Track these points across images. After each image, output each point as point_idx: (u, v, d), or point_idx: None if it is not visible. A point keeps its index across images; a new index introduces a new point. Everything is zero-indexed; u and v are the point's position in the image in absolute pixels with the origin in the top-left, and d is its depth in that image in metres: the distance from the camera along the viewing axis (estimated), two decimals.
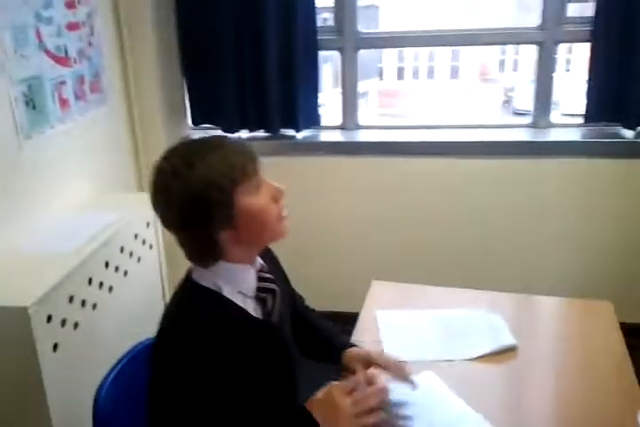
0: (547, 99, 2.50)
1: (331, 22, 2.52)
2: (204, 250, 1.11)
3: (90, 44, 2.13)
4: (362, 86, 2.55)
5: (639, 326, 1.51)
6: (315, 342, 1.38)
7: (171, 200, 1.07)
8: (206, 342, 1.05)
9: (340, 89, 2.59)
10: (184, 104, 2.61)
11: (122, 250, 1.93)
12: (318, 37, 2.42)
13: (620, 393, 1.30)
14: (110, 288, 1.84)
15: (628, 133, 2.40)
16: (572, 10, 2.37)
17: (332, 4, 2.48)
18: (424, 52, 13.37)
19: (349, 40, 2.50)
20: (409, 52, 13.09)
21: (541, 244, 2.52)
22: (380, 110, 2.47)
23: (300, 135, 2.57)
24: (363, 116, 2.65)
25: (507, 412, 1.29)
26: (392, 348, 1.45)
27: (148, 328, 1.16)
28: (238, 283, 1.13)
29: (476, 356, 1.42)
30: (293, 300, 1.37)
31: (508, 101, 13.83)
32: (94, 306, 1.76)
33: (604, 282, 2.39)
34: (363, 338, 1.48)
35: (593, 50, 2.33)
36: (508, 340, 1.46)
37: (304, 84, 2.45)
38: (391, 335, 1.52)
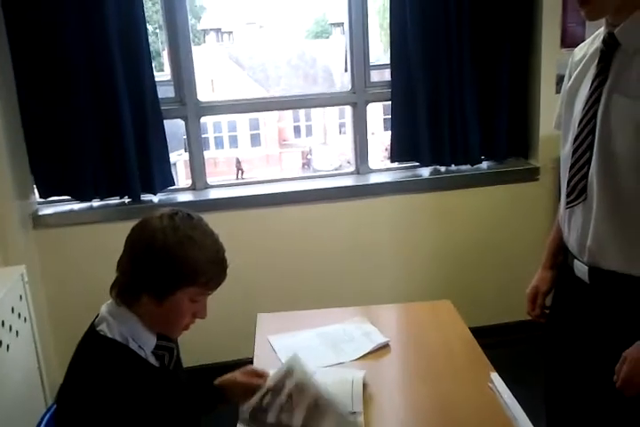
0: (364, 150, 2.96)
1: (171, 94, 2.74)
2: (129, 291, 1.24)
3: None
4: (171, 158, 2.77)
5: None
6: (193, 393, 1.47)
7: (150, 241, 1.20)
8: (116, 390, 1.18)
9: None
10: (31, 178, 2.65)
11: (3, 324, 1.93)
12: (163, 107, 2.63)
13: (474, 363, 1.64)
14: None
15: (425, 173, 2.96)
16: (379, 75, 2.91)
17: (170, 78, 2.73)
18: (224, 122, 13.95)
19: (191, 109, 2.74)
20: (209, 123, 13.54)
21: (378, 264, 2.94)
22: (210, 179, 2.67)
23: (156, 198, 2.72)
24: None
25: (393, 392, 1.57)
26: None
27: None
28: (140, 338, 1.27)
29: (360, 355, 1.70)
30: None
31: (307, 163, 14.82)
32: None
33: (434, 294, 2.85)
34: (263, 361, 1.68)
35: (392, 107, 2.83)
36: (380, 339, 1.77)
37: (156, 150, 2.62)
38: (287, 354, 1.72)
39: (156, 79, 2.60)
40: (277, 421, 1.38)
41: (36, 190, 2.67)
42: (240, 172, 12.31)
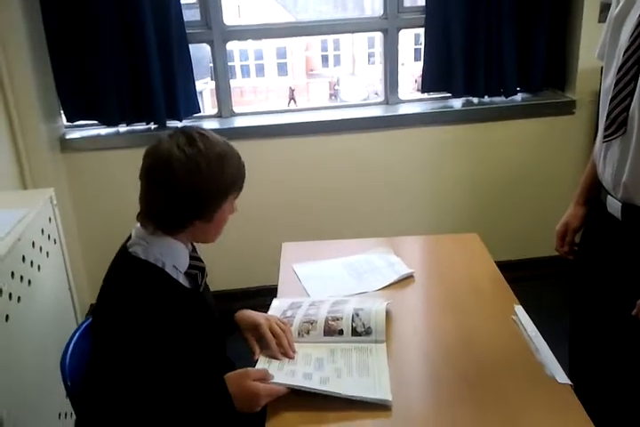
0: (394, 79, 2.87)
1: (197, 17, 2.66)
2: (176, 222, 1.25)
3: None
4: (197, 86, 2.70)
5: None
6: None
7: (188, 174, 1.19)
8: (148, 309, 1.21)
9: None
10: (58, 101, 2.63)
11: (33, 245, 1.96)
12: (188, 31, 2.56)
13: (499, 296, 1.63)
14: (29, 282, 1.89)
15: (457, 104, 2.87)
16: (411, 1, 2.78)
17: (196, 1, 2.63)
18: (250, 50, 13.64)
19: (217, 33, 2.66)
20: (235, 51, 13.26)
21: (406, 196, 2.92)
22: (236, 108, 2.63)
23: (182, 125, 2.67)
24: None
25: (416, 323, 1.57)
26: (315, 291, 1.69)
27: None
28: (176, 259, 1.28)
29: (384, 285, 1.70)
30: None
31: (334, 94, 14.53)
32: (19, 299, 1.81)
33: (462, 227, 2.82)
34: (288, 288, 1.71)
35: (426, 34, 2.72)
36: (405, 270, 1.75)
37: (182, 75, 2.57)
38: (311, 282, 1.74)
39: (182, 1, 2.52)
40: (304, 319, 1.47)
41: (63, 115, 2.67)
42: (293, 101, 12.12)
